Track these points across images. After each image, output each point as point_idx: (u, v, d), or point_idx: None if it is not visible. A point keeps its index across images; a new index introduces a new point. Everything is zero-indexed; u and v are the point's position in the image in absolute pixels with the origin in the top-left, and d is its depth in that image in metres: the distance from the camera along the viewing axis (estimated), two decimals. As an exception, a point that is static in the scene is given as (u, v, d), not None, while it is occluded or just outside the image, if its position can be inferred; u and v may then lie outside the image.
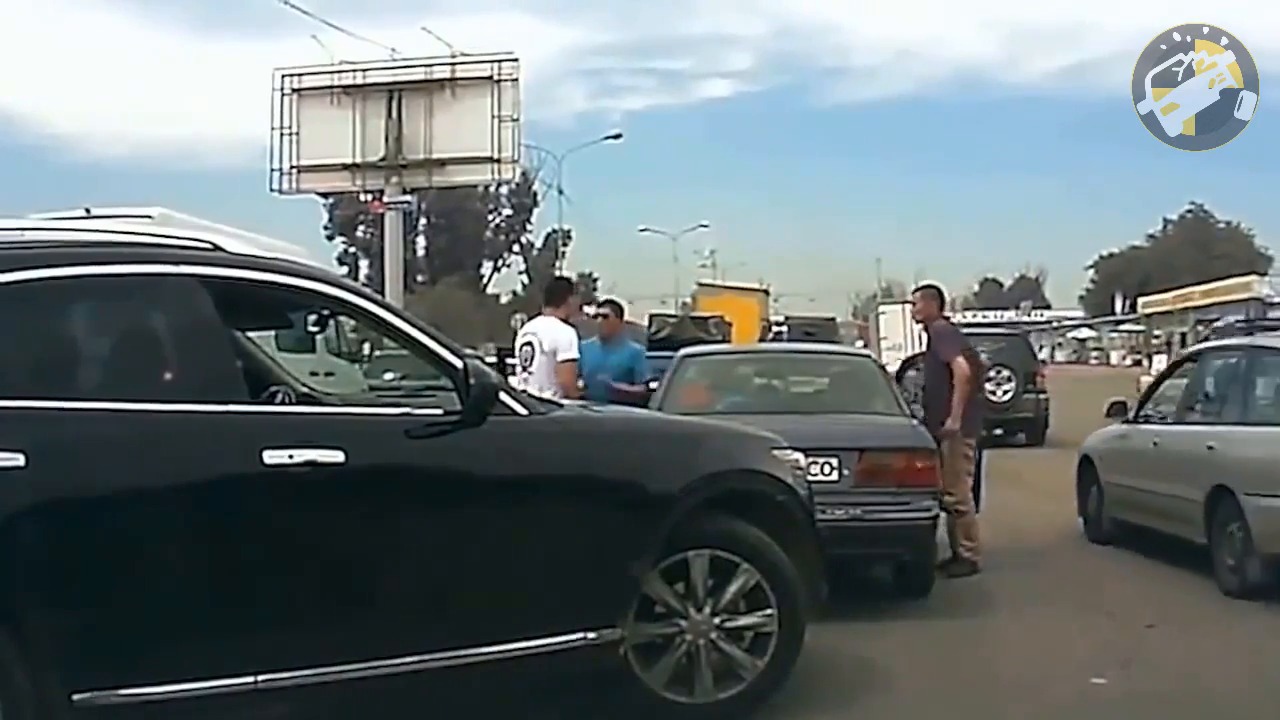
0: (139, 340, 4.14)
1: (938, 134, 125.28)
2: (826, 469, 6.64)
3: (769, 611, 4.77)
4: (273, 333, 5.73)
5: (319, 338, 8.87)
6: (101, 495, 3.74)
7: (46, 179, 73.45)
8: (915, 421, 7.37)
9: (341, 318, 4.97)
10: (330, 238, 63.27)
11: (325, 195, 52.97)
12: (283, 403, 4.69)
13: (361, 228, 59.17)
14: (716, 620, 4.75)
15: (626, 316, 9.81)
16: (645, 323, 17.50)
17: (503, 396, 4.38)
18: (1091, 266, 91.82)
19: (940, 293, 8.83)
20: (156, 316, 4.12)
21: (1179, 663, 5.74)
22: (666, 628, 4.73)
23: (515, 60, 23.44)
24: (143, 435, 3.83)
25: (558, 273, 51.82)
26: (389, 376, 7.89)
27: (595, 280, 72.60)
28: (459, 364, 4.32)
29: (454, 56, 23.35)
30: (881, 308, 37.54)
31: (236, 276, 4.27)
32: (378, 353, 15.81)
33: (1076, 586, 7.52)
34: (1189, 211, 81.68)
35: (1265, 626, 6.30)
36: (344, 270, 63.08)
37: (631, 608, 4.58)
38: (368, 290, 4.62)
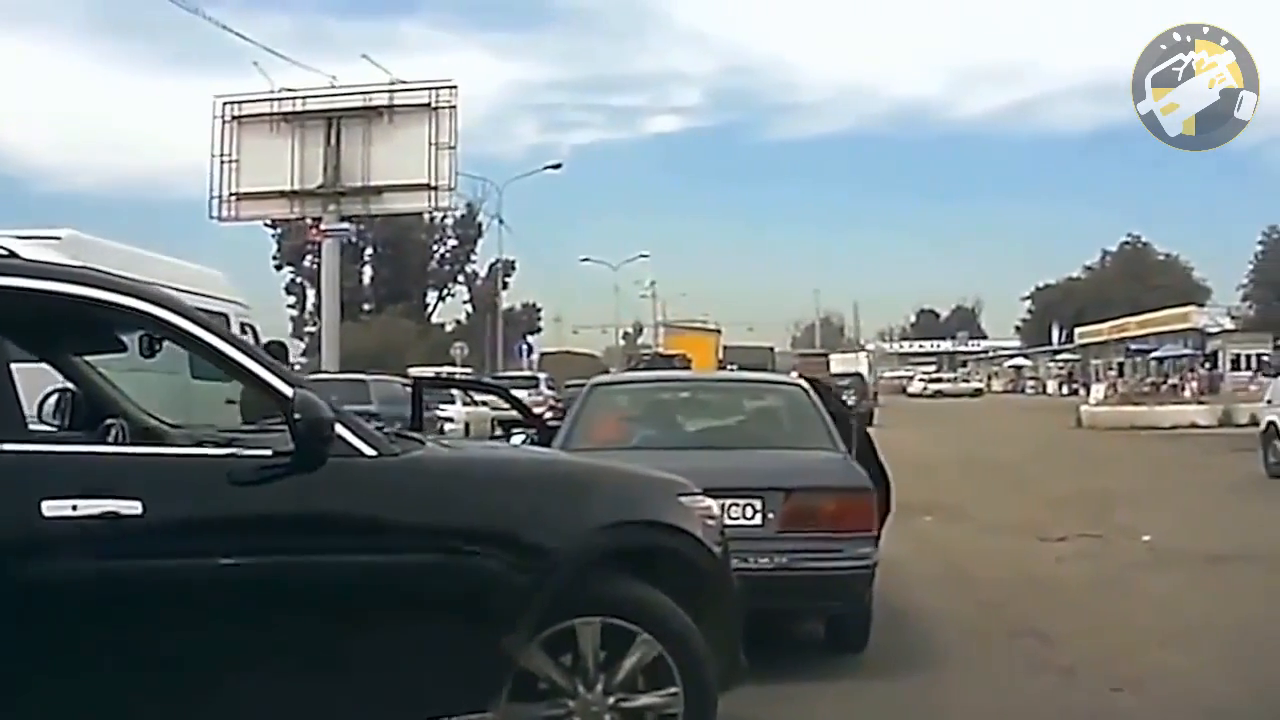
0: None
1: (879, 169, 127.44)
2: (749, 511, 5.88)
3: (673, 690, 4.00)
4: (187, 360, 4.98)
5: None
6: None
7: (14, 209, 71.73)
8: (849, 456, 6.62)
9: (163, 339, 4.15)
10: (279, 267, 63.07)
11: (274, 224, 52.64)
12: (116, 438, 4.02)
13: (309, 258, 58.39)
14: (610, 700, 3.98)
15: (570, 347, 8.86)
16: (598, 353, 17.33)
17: (342, 432, 3.61)
18: (1028, 297, 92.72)
19: None
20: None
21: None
22: (550, 709, 3.97)
23: (454, 87, 23.47)
24: None
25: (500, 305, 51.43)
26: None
27: (539, 310, 72.02)
28: (289, 393, 3.56)
29: (392, 84, 23.27)
30: (832, 356, 49.02)
31: (14, 286, 3.52)
32: None
33: (1032, 637, 6.81)
34: (1127, 243, 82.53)
35: (1238, 692, 5.64)
36: (291, 299, 62.28)
37: (504, 687, 3.84)
38: (188, 308, 3.83)
